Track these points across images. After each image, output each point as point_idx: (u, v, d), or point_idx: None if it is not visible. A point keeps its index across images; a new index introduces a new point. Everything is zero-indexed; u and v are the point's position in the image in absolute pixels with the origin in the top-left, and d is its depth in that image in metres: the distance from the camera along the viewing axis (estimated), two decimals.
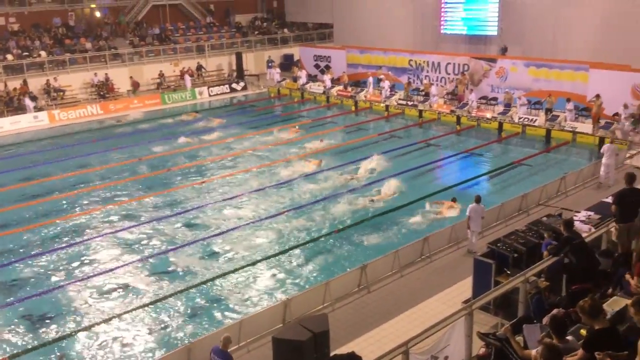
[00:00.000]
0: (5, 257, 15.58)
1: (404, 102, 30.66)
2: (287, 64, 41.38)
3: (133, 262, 14.95)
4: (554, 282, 9.73)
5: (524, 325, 7.69)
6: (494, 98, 28.96)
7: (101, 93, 34.01)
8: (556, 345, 6.24)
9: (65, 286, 13.90)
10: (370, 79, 33.11)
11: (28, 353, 11.42)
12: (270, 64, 39.38)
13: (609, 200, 12.95)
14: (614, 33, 27.22)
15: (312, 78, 37.25)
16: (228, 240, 16.04)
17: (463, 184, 19.63)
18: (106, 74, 34.75)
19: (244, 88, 37.68)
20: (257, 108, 33.65)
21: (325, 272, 13.96)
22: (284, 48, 43.53)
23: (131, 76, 35.21)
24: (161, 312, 12.66)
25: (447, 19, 34.73)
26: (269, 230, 16.54)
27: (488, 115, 27.33)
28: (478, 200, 14.21)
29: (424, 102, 29.99)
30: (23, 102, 30.70)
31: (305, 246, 15.46)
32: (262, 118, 31.02)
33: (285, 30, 45.41)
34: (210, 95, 36.22)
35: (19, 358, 11.27)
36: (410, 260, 13.88)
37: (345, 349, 10.06)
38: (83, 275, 14.45)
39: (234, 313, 12.52)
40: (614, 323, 6.83)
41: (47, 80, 32.77)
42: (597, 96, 23.95)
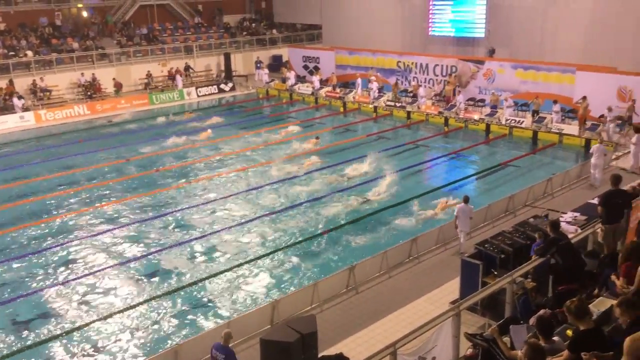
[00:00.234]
0: None
1: (392, 104, 30.75)
2: (276, 65, 41.32)
3: (120, 264, 14.84)
4: (541, 283, 9.77)
5: (511, 325, 7.75)
6: (482, 100, 29.12)
7: (88, 93, 33.78)
8: (540, 345, 6.27)
9: (50, 288, 13.76)
10: (358, 80, 33.16)
11: (10, 357, 11.23)
12: (258, 65, 39.34)
13: (595, 201, 13.02)
14: (601, 35, 27.46)
15: (301, 79, 37.21)
16: (216, 241, 15.98)
17: (451, 185, 19.72)
18: (93, 74, 34.55)
19: (233, 89, 37.61)
20: (246, 109, 33.60)
21: (313, 273, 13.95)
22: (273, 49, 43.48)
23: (114, 77, 34.96)
24: (148, 314, 12.56)
25: (435, 21, 34.79)
26: (257, 231, 16.49)
27: (476, 116, 27.48)
28: (466, 200, 14.29)
29: (412, 104, 30.10)
30: (9, 102, 30.42)
31: (293, 247, 15.42)
32: (251, 119, 30.95)
33: (273, 31, 45.36)
34: (198, 95, 36.12)
35: None
36: (398, 261, 13.91)
37: (333, 350, 10.08)
38: (69, 276, 14.31)
39: (222, 314, 12.46)
40: (600, 324, 6.87)
41: (34, 80, 32.53)
42: (584, 98, 24.14)
